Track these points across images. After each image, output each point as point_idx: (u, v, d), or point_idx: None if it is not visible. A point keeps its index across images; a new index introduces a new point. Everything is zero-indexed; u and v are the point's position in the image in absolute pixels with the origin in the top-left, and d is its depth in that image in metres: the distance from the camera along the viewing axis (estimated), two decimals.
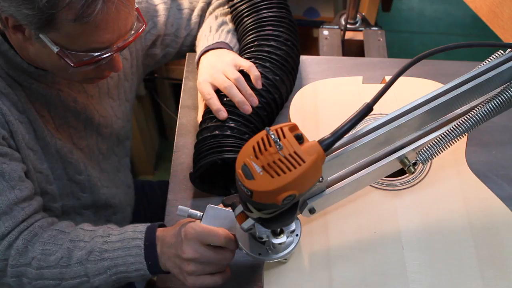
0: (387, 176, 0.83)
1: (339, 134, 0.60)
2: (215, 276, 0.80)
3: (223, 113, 0.96)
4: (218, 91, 0.99)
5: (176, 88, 1.91)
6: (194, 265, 0.77)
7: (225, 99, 0.98)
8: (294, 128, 0.60)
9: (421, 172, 0.89)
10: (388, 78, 1.01)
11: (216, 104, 0.97)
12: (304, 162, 0.56)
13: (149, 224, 0.85)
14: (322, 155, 0.59)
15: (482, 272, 0.77)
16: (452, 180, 0.88)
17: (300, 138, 0.58)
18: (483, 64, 0.71)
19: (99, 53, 0.78)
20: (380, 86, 0.99)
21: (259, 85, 0.99)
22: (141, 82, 1.53)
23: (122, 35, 0.80)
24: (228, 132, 0.94)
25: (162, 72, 1.83)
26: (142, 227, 0.84)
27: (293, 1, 1.98)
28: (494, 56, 0.72)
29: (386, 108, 0.96)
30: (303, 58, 1.23)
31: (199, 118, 1.02)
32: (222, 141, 0.93)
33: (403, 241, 0.80)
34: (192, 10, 1.13)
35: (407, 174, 0.88)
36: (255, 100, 0.98)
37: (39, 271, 0.83)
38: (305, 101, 1.00)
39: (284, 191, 0.57)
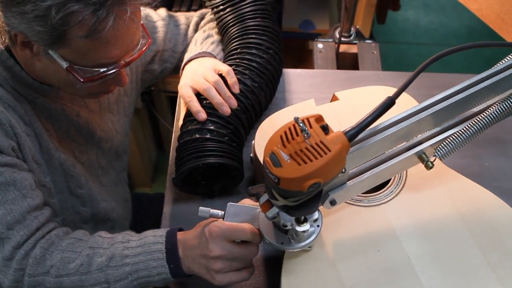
0: (371, 192, 0.86)
1: (363, 125, 0.62)
2: (242, 272, 0.81)
3: (202, 115, 0.97)
4: (198, 95, 1.01)
5: (173, 101, 1.92)
6: (222, 263, 0.78)
7: (204, 102, 1.00)
8: (320, 119, 0.62)
9: (400, 179, 0.91)
10: (338, 94, 1.04)
11: (195, 106, 0.98)
12: (329, 151, 0.59)
13: (168, 228, 0.85)
14: (347, 145, 0.61)
15: (487, 258, 0.80)
16: (431, 179, 0.90)
17: (325, 129, 0.61)
18: (500, 63, 0.74)
19: (106, 69, 0.80)
20: (332, 104, 1.02)
21: (236, 90, 1.00)
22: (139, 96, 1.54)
23: (129, 50, 0.81)
24: (208, 136, 0.96)
25: (159, 85, 1.84)
26: (162, 232, 0.84)
27: (289, 13, 2.00)
28: (510, 57, 0.75)
29: (344, 119, 0.99)
30: (298, 72, 1.24)
31: (180, 122, 1.03)
32: (203, 145, 0.95)
33: (408, 251, 0.81)
34: (188, 26, 1.15)
35: (387, 186, 0.90)
36: (234, 102, 0.99)
37: (58, 279, 0.82)
38: (267, 137, 1.00)
39: (310, 178, 0.59)
